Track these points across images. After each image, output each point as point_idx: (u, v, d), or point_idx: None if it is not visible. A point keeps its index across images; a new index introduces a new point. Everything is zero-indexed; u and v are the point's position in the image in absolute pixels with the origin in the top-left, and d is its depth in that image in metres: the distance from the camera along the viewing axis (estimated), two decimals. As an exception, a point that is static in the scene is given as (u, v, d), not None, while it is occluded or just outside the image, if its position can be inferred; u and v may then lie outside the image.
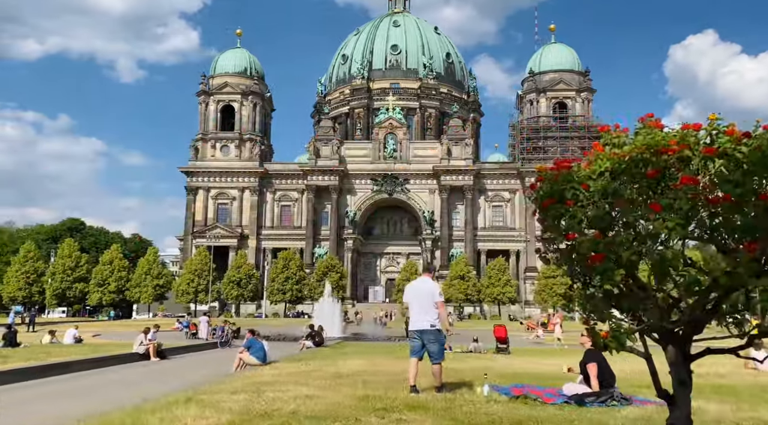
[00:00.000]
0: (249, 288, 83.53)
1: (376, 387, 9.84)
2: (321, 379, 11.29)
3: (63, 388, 13.39)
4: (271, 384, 10.74)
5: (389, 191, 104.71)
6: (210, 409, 7.64)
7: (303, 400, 8.33)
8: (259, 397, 8.76)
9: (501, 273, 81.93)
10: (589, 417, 7.18)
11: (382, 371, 13.71)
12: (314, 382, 10.80)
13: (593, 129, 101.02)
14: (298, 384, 10.64)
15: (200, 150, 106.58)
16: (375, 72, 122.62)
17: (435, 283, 10.48)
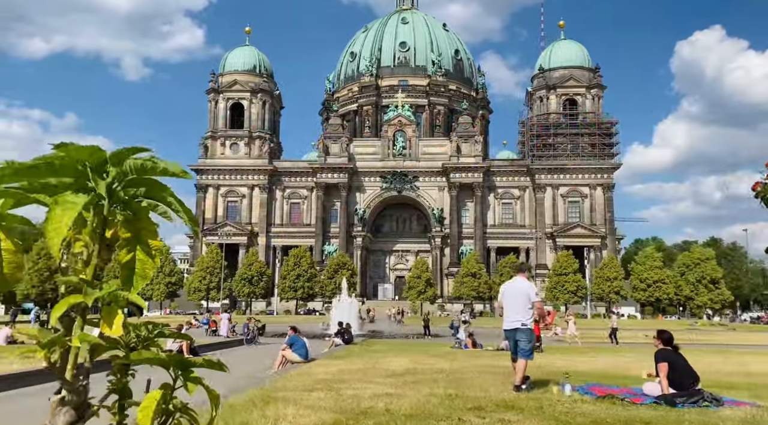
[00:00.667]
0: (260, 286, 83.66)
1: (449, 386, 9.86)
2: (384, 377, 11.30)
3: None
4: (338, 381, 10.76)
5: (398, 188, 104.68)
6: (303, 408, 7.67)
7: (388, 398, 8.35)
8: (340, 395, 8.79)
9: (513, 271, 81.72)
10: (692, 418, 7.18)
11: (433, 369, 13.74)
12: (381, 380, 10.82)
13: (604, 126, 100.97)
14: (366, 382, 10.67)
15: (210, 148, 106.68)
16: (383, 69, 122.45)
17: (530, 283, 10.50)
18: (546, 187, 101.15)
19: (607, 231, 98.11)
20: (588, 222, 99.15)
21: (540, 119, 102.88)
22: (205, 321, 39.91)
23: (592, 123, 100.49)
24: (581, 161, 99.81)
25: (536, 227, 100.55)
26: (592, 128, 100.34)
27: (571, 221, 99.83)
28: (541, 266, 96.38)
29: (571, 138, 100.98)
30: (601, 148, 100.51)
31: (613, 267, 78.73)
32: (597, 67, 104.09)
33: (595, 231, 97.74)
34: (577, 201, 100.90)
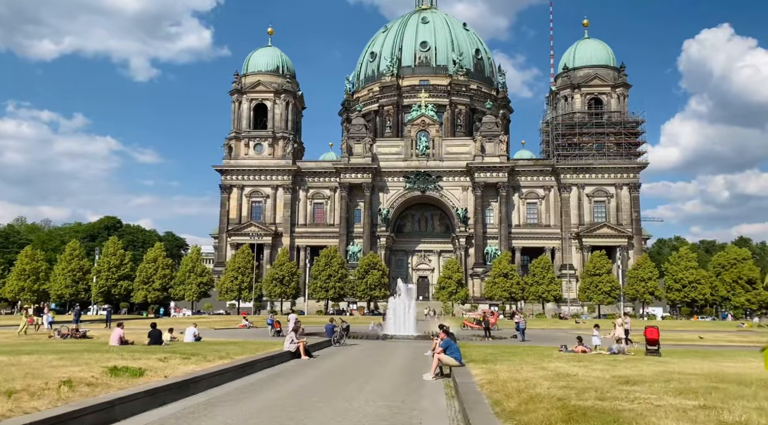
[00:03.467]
0: (292, 286, 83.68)
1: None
2: (671, 394, 10.77)
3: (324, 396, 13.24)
4: (612, 395, 10.41)
5: (422, 188, 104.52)
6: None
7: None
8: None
9: (545, 271, 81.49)
10: None
11: (654, 377, 13.37)
12: (686, 389, 10.41)
13: (629, 125, 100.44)
14: (672, 393, 10.38)
15: (234, 148, 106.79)
16: (404, 69, 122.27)
17: None
18: (571, 187, 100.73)
19: (634, 231, 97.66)
20: (614, 222, 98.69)
21: (565, 118, 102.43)
22: (270, 322, 39.88)
23: (618, 122, 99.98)
24: (607, 161, 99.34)
25: (561, 227, 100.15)
26: (618, 127, 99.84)
27: (596, 221, 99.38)
28: (566, 266, 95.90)
29: (596, 137, 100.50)
30: (626, 147, 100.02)
31: (647, 267, 78.26)
32: (622, 66, 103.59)
33: (621, 231, 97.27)
34: (602, 201, 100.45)
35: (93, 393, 10.42)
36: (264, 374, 17.20)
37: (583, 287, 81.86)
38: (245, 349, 21.00)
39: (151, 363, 14.62)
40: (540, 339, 39.49)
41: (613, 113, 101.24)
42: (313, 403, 11.83)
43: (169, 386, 11.92)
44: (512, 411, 8.86)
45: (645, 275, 76.96)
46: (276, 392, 13.49)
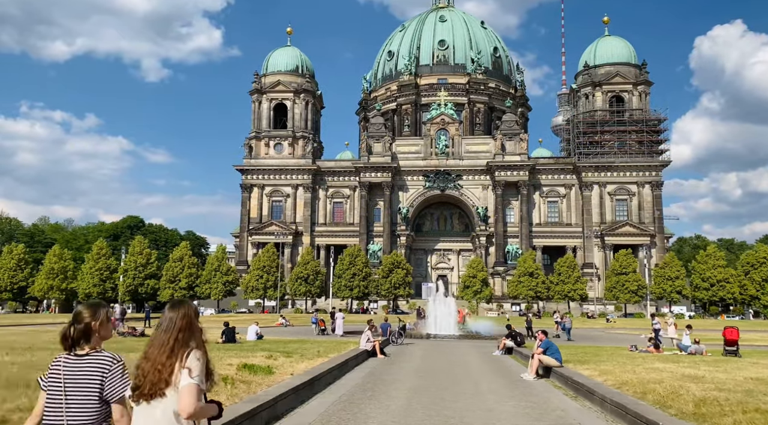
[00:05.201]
0: (316, 285, 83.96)
1: None
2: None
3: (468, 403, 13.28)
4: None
5: (441, 187, 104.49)
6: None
7: None
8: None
9: (571, 270, 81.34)
10: None
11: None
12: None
13: (651, 122, 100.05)
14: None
15: (254, 148, 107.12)
16: (422, 68, 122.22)
17: None
18: (593, 185, 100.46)
19: (656, 229, 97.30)
20: (636, 221, 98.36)
21: (586, 116, 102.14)
22: (314, 321, 40.05)
23: (640, 120, 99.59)
24: (629, 159, 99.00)
25: (583, 225, 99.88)
26: (640, 125, 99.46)
27: (618, 220, 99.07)
28: (588, 265, 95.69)
29: (617, 135, 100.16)
30: (648, 145, 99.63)
31: (674, 266, 77.98)
32: (644, 64, 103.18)
33: (644, 230, 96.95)
34: (624, 199, 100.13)
35: (250, 389, 10.56)
36: (360, 371, 17.35)
37: (609, 286, 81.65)
38: (327, 348, 21.14)
39: (267, 361, 14.76)
40: (582, 338, 39.35)
41: (635, 110, 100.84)
42: (445, 402, 11.90)
43: (304, 384, 12.06)
44: (696, 414, 8.81)
45: (672, 274, 76.68)
46: (396, 390, 13.59)
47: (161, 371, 3.79)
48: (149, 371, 3.82)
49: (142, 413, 3.81)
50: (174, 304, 4.15)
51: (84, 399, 3.87)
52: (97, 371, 3.91)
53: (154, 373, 3.80)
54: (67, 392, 3.88)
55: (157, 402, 3.76)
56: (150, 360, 3.87)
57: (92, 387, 3.88)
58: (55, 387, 3.92)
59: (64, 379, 3.90)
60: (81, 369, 3.92)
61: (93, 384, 3.88)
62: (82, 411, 3.86)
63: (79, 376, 3.90)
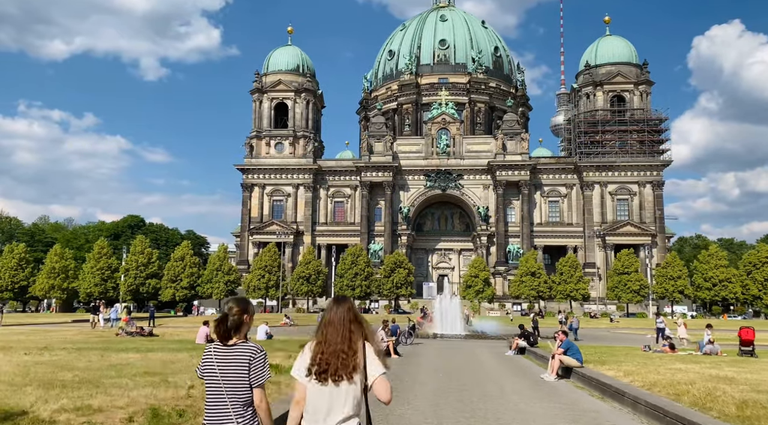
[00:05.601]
0: (318, 284, 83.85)
1: None
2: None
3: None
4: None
5: (443, 186, 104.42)
6: None
7: None
8: None
9: (573, 269, 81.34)
10: None
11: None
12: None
13: (652, 122, 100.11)
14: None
15: (255, 147, 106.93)
16: (423, 67, 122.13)
17: None
18: (594, 185, 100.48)
19: (657, 229, 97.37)
20: (637, 220, 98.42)
21: (587, 116, 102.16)
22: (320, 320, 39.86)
23: (641, 120, 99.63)
24: (630, 159, 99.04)
25: (584, 225, 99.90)
26: (641, 125, 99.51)
27: (619, 220, 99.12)
28: (589, 265, 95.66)
29: (618, 135, 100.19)
30: (649, 145, 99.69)
31: (676, 266, 78.04)
32: (645, 63, 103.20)
33: (645, 229, 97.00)
34: (625, 199, 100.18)
35: (280, 390, 10.53)
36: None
37: (611, 285, 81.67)
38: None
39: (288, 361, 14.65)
40: (590, 338, 39.30)
41: (636, 110, 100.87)
42: (474, 403, 11.83)
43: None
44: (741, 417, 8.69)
45: (674, 274, 76.75)
46: (421, 390, 13.53)
47: (346, 358, 4.25)
48: (332, 358, 4.27)
49: (326, 392, 4.26)
50: (338, 299, 4.63)
51: (239, 384, 4.39)
52: (245, 358, 4.41)
53: (338, 360, 4.25)
54: (222, 378, 4.39)
55: (345, 384, 4.23)
56: (330, 348, 4.30)
57: (243, 372, 4.40)
58: (211, 374, 4.44)
59: (218, 366, 4.42)
60: (232, 357, 4.41)
61: (243, 370, 4.40)
62: (239, 394, 4.39)
63: (230, 364, 4.40)
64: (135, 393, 8.63)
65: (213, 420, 4.43)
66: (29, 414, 6.91)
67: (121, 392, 8.68)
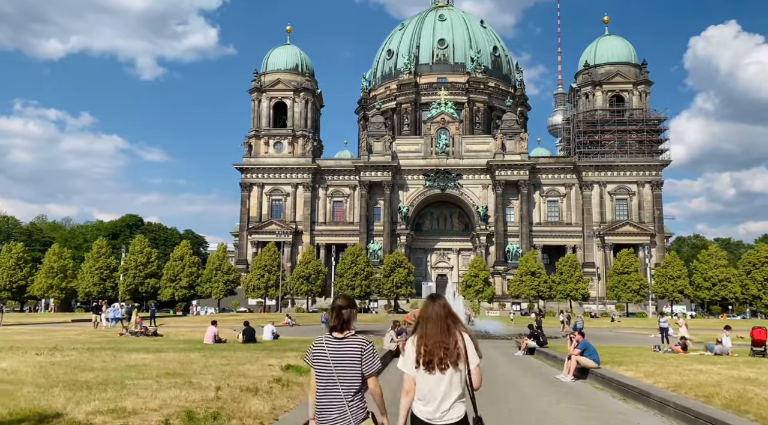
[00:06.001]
0: (318, 284, 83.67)
1: None
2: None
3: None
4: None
5: (442, 186, 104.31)
6: None
7: None
8: None
9: (573, 269, 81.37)
10: None
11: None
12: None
13: (651, 122, 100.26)
14: None
15: (254, 147, 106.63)
16: (422, 67, 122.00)
17: None
18: (593, 184, 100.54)
19: (656, 229, 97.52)
20: (636, 220, 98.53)
21: (586, 115, 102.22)
22: (323, 320, 39.86)
23: (640, 120, 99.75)
24: (629, 158, 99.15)
25: (583, 225, 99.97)
26: (640, 125, 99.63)
27: (618, 219, 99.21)
28: (588, 264, 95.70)
29: (617, 135, 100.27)
30: (648, 144, 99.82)
31: (676, 265, 78.16)
32: (644, 63, 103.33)
33: (644, 229, 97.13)
34: (624, 199, 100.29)
35: (304, 391, 10.35)
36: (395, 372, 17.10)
37: (611, 285, 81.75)
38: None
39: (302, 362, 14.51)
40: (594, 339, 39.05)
41: (635, 110, 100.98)
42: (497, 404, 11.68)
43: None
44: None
45: (674, 274, 76.86)
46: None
47: (447, 349, 4.74)
48: (435, 349, 4.76)
49: (435, 379, 4.76)
50: (432, 297, 5.07)
51: (351, 373, 4.84)
52: (356, 350, 4.91)
53: (442, 351, 4.75)
54: (335, 367, 4.84)
55: (450, 372, 4.74)
56: (432, 341, 4.78)
57: (355, 363, 4.86)
58: (323, 363, 4.88)
59: (330, 357, 4.87)
60: (343, 349, 4.89)
61: (355, 360, 4.87)
62: (351, 382, 4.84)
63: (342, 355, 4.87)
64: (164, 395, 8.49)
65: (326, 406, 4.84)
66: (64, 416, 6.77)
67: (149, 393, 8.55)
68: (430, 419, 4.77)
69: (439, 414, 4.76)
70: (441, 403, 4.75)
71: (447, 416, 4.76)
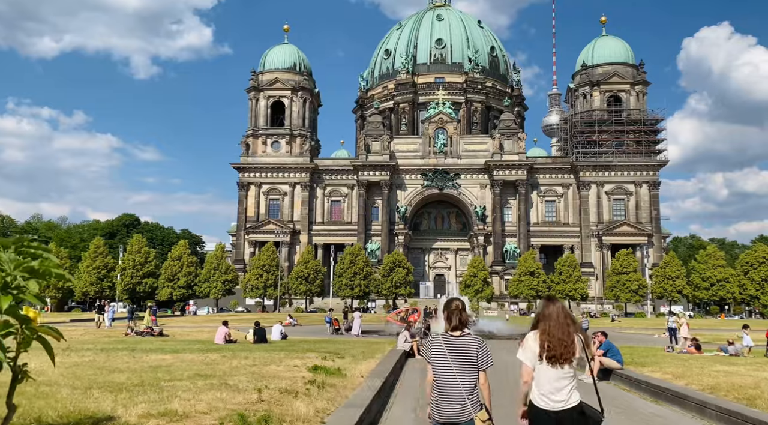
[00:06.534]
0: (317, 283, 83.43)
1: None
2: None
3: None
4: None
5: (440, 186, 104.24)
6: None
7: None
8: None
9: (572, 269, 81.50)
10: None
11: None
12: None
13: (648, 123, 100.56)
14: None
15: (251, 146, 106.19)
16: (419, 66, 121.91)
17: None
18: (590, 184, 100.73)
19: (653, 229, 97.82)
20: (633, 220, 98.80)
21: (584, 116, 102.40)
22: (328, 320, 39.62)
23: (637, 120, 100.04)
24: (626, 159, 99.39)
25: (580, 225, 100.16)
26: (637, 125, 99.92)
27: (616, 219, 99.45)
28: (586, 264, 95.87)
29: (615, 135, 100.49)
30: (645, 145, 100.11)
31: (674, 266, 78.43)
32: (641, 64, 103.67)
33: (641, 229, 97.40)
34: (621, 199, 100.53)
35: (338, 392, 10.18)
36: (413, 373, 16.99)
37: (610, 285, 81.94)
38: (366, 348, 20.76)
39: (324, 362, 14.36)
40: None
41: (632, 110, 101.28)
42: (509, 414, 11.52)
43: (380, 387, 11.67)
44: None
45: (672, 274, 77.12)
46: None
47: (567, 346, 5.31)
48: (559, 346, 5.30)
49: (554, 372, 5.32)
50: (551, 298, 5.62)
51: (469, 367, 5.42)
52: (473, 347, 5.49)
53: (562, 347, 5.29)
54: (453, 362, 5.40)
55: (568, 366, 5.33)
56: (555, 339, 5.31)
57: (472, 358, 5.43)
58: (441, 359, 5.44)
59: (448, 353, 5.42)
60: (461, 346, 5.47)
61: (472, 356, 5.44)
62: (469, 376, 5.42)
63: (461, 351, 5.44)
64: (206, 397, 8.30)
65: (447, 398, 5.38)
66: (117, 419, 6.57)
67: (191, 395, 8.35)
68: (553, 407, 5.28)
69: (561, 403, 5.29)
70: (560, 392, 5.30)
71: (569, 401, 5.33)
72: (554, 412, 5.29)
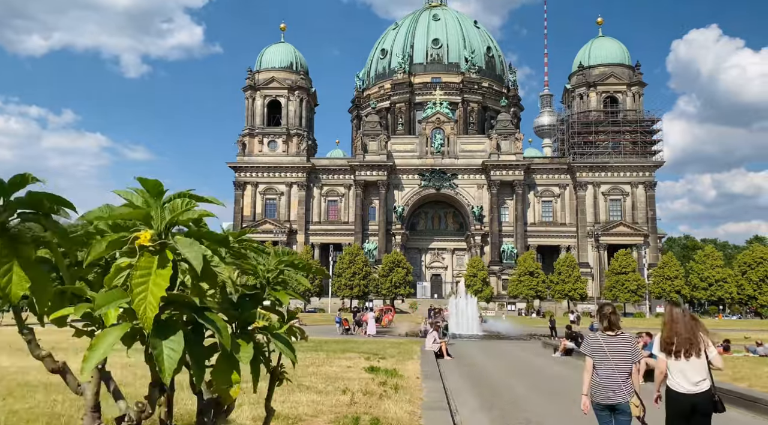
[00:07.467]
0: (315, 283, 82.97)
1: None
2: None
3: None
4: None
5: (437, 186, 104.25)
6: None
7: None
8: None
9: (571, 269, 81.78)
10: None
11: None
12: None
13: (645, 123, 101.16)
14: None
15: (248, 145, 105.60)
16: (416, 66, 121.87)
17: None
18: (587, 185, 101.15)
19: (650, 229, 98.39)
20: (630, 220, 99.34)
21: (580, 116, 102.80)
22: (338, 320, 39.33)
23: (633, 121, 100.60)
24: (623, 159, 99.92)
25: (577, 225, 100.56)
26: (634, 126, 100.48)
27: (612, 220, 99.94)
28: (582, 264, 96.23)
29: (611, 136, 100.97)
30: (642, 145, 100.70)
31: (672, 266, 78.95)
32: (637, 65, 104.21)
33: (637, 230, 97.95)
34: (618, 199, 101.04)
35: (412, 394, 9.98)
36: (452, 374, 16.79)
37: (608, 285, 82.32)
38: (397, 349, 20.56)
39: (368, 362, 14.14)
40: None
41: (629, 111, 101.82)
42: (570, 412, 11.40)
43: (439, 388, 11.50)
44: None
45: (671, 274, 77.62)
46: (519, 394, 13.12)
47: (692, 343, 6.52)
48: (685, 342, 6.52)
49: (681, 363, 6.54)
50: (672, 302, 7.37)
51: (626, 360, 6.57)
52: (629, 344, 6.74)
53: (688, 344, 6.51)
54: (612, 357, 6.51)
55: (693, 359, 6.51)
56: (681, 337, 6.54)
57: (628, 353, 6.63)
58: (601, 354, 6.60)
59: (606, 348, 6.57)
60: (617, 343, 6.64)
61: (628, 351, 6.65)
62: (625, 368, 6.54)
63: (619, 347, 6.60)
64: (298, 399, 8.06)
65: (606, 386, 6.45)
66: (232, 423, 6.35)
67: (283, 398, 8.10)
68: (688, 390, 6.46)
69: (694, 388, 6.46)
70: (690, 379, 6.47)
71: (698, 387, 6.46)
72: (690, 395, 6.41)
